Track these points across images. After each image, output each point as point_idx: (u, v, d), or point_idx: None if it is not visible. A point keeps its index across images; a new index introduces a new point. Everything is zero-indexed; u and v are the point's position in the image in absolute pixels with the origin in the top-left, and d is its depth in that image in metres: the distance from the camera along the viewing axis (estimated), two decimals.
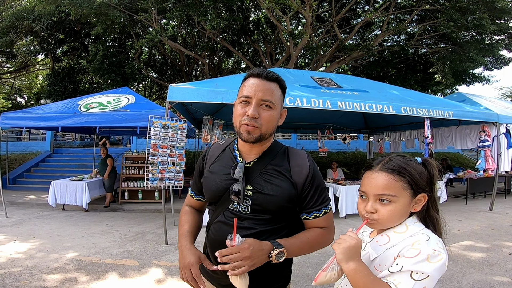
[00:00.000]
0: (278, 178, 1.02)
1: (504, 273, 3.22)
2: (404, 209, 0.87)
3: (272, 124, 1.03)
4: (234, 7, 11.61)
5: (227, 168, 1.07)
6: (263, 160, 1.07)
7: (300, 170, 1.04)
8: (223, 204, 1.05)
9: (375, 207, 0.88)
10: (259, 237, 0.97)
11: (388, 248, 0.87)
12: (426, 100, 6.33)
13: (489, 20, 9.75)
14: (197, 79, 16.75)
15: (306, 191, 1.04)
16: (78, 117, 5.68)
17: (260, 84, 1.01)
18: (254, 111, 0.98)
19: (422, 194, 0.88)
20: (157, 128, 4.06)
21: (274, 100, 1.01)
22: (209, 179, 1.10)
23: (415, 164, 0.90)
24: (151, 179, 4.09)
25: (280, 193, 1.00)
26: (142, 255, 3.89)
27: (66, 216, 6.24)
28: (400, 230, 0.89)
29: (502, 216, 5.98)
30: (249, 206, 1.01)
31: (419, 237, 0.84)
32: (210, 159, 1.16)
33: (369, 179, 0.91)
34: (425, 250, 0.78)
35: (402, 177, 0.86)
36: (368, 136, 10.54)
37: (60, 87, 14.89)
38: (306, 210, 1.05)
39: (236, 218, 0.96)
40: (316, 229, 1.06)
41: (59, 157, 12.21)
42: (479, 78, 14.30)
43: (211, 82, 5.17)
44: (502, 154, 6.30)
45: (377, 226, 0.91)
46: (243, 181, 1.00)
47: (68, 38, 14.74)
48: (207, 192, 1.11)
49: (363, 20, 11.53)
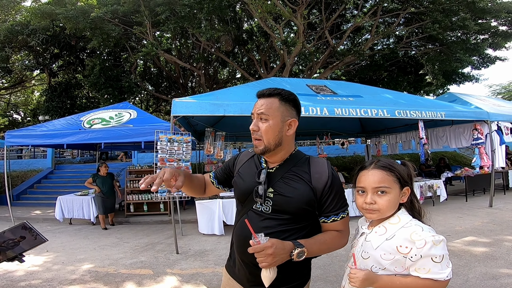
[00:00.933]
0: (298, 182, 1.13)
1: (508, 266, 3.33)
2: (397, 199, 1.08)
3: (272, 134, 1.13)
4: (227, 18, 11.89)
5: (254, 172, 1.21)
6: (284, 166, 1.19)
7: (319, 177, 1.14)
8: (248, 204, 1.19)
9: (374, 198, 1.07)
10: (279, 236, 1.07)
11: (387, 239, 1.04)
12: (419, 102, 6.55)
13: (472, 21, 10.13)
14: (193, 91, 16.91)
15: (325, 197, 1.13)
16: (83, 134, 5.80)
17: (259, 102, 1.18)
18: (252, 125, 1.17)
19: (406, 187, 1.09)
20: (163, 142, 4.21)
21: (268, 112, 1.14)
22: (239, 180, 1.27)
23: (398, 164, 1.14)
24: (159, 191, 4.22)
25: (299, 196, 1.11)
26: (155, 264, 3.99)
27: (74, 230, 6.33)
28: (393, 221, 1.08)
29: (502, 212, 6.09)
30: (270, 207, 1.13)
31: (414, 228, 1.02)
32: (240, 163, 1.33)
33: (366, 176, 1.10)
34: (429, 238, 0.96)
35: (392, 172, 1.08)
36: (365, 139, 10.74)
37: (57, 103, 14.92)
38: (325, 214, 1.15)
39: (248, 219, 1.08)
40: (333, 232, 1.16)
41: (61, 173, 12.26)
42: (469, 77, 14.69)
43: (212, 95, 5.34)
44: (496, 150, 6.49)
45: (377, 216, 1.08)
46: (265, 184, 1.14)
47: (63, 52, 14.78)
48: (236, 192, 1.28)
49: (352, 25, 11.87)
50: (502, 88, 24.06)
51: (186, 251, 4.52)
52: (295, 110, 1.22)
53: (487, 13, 10.46)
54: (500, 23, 11.52)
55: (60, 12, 9.87)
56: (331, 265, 3.60)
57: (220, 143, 5.73)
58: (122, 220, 7.10)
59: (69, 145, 6.61)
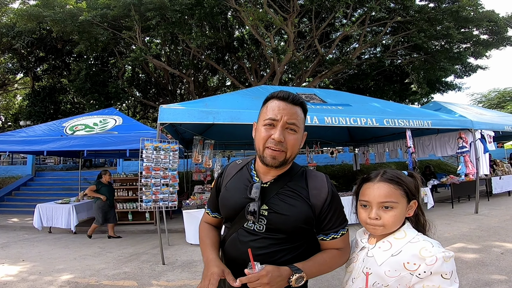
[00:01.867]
0: (295, 199, 1.04)
1: (500, 272, 3.35)
2: (403, 214, 1.01)
3: (296, 148, 1.05)
4: (219, 25, 11.91)
5: (244, 187, 1.09)
6: (280, 181, 1.08)
7: (318, 193, 1.05)
8: (239, 222, 1.08)
9: (378, 214, 0.99)
10: (274, 256, 1.00)
11: (393, 255, 0.97)
12: (406, 111, 6.67)
13: (455, 29, 10.54)
14: (182, 98, 16.75)
15: (325, 214, 1.05)
16: (65, 141, 5.56)
17: (286, 107, 1.04)
18: (280, 135, 1.00)
19: (414, 200, 1.02)
20: (149, 150, 4.07)
21: (299, 124, 1.04)
22: (226, 197, 1.14)
23: (406, 176, 1.06)
24: (144, 201, 4.05)
25: (296, 214, 1.02)
26: (140, 275, 3.81)
27: (54, 238, 6.08)
28: (399, 236, 1.01)
29: (488, 218, 6.22)
30: (264, 225, 1.03)
31: (423, 244, 0.95)
32: (227, 177, 1.20)
33: (372, 189, 1.02)
34: (439, 255, 0.90)
35: (400, 185, 1.00)
36: (353, 148, 10.85)
37: (40, 107, 14.49)
38: (324, 232, 1.07)
39: (250, 249, 0.96)
40: (333, 250, 1.08)
41: (42, 180, 11.84)
42: (452, 86, 15.25)
43: (201, 102, 5.25)
44: (480, 158, 6.66)
45: (381, 231, 1.01)
46: (259, 201, 1.02)
47: (49, 56, 14.50)
48: (223, 209, 1.15)
49: (341, 34, 12.11)
50: (483, 96, 25.08)
51: (173, 261, 4.35)
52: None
53: (470, 21, 10.90)
54: (482, 32, 12.01)
55: (47, 14, 9.63)
56: (324, 276, 3.52)
57: (209, 152, 5.62)
58: (105, 229, 6.77)
59: (50, 152, 6.33)
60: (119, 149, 5.53)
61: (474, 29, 11.80)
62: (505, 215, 6.38)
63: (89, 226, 6.98)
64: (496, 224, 5.63)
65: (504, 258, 3.76)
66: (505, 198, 8.60)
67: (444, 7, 10.65)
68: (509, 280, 3.14)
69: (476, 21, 10.81)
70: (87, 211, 6.94)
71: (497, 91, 24.26)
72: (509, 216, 6.20)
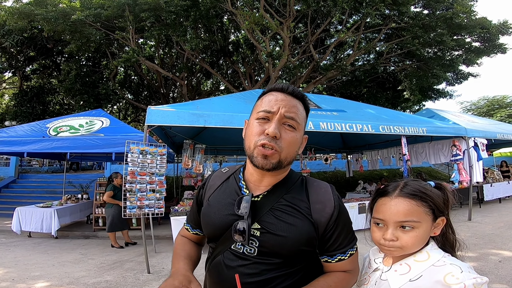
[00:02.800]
0: (294, 216, 0.85)
1: (500, 280, 3.26)
2: (426, 234, 0.85)
3: (294, 149, 0.86)
4: (214, 28, 11.82)
5: (231, 201, 0.90)
6: (275, 193, 0.89)
7: (322, 208, 0.87)
8: (224, 243, 0.89)
9: (396, 234, 0.83)
10: (267, 284, 0.82)
11: (411, 280, 0.82)
12: (401, 117, 6.62)
13: (448, 36, 10.66)
14: (174, 101, 16.56)
15: (330, 232, 0.86)
16: (47, 142, 5.29)
17: (284, 99, 0.86)
18: (275, 129, 0.81)
19: (442, 217, 0.87)
20: (134, 154, 3.85)
21: (299, 119, 0.87)
22: (209, 213, 0.94)
23: (432, 188, 0.89)
24: (129, 207, 3.82)
25: (296, 235, 0.83)
26: (122, 285, 3.58)
27: (33, 243, 5.81)
28: (421, 258, 0.85)
29: (482, 225, 6.19)
30: (255, 248, 0.84)
31: (449, 269, 0.79)
32: (210, 189, 0.99)
33: (388, 206, 0.86)
34: (468, 282, 0.74)
35: (424, 201, 0.84)
36: (346, 155, 10.81)
37: (27, 108, 14.09)
38: (329, 253, 0.88)
39: (238, 274, 0.80)
40: (339, 274, 0.90)
41: (25, 183, 11.47)
42: (443, 93, 15.46)
43: (192, 104, 5.07)
44: (473, 166, 6.64)
45: (398, 253, 0.86)
46: (249, 218, 0.83)
47: (39, 55, 14.19)
48: (206, 227, 0.95)
49: (336, 40, 12.16)
50: (472, 104, 25.54)
51: (159, 270, 4.14)
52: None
53: (463, 28, 11.05)
54: (474, 39, 12.21)
55: (39, 13, 9.37)
56: None
57: (199, 157, 5.42)
58: (89, 234, 6.60)
59: (32, 153, 6.04)
60: (105, 152, 5.28)
61: (467, 37, 11.98)
62: (499, 222, 6.38)
63: (72, 231, 6.73)
64: (491, 231, 5.60)
65: (502, 266, 3.69)
66: (496, 205, 8.64)
67: (438, 14, 10.78)
68: None
69: (469, 28, 10.97)
70: (70, 215, 6.69)
71: (486, 99, 24.72)
72: (503, 223, 6.19)
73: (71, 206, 6.73)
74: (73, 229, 6.88)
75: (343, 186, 11.28)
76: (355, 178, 11.23)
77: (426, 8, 11.50)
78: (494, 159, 14.25)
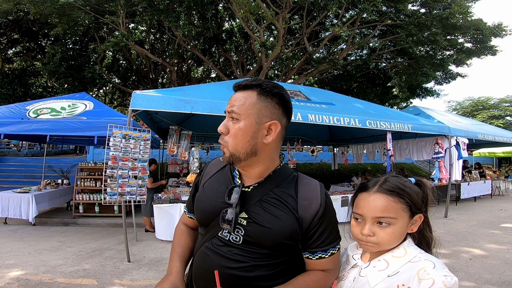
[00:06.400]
0: (280, 209, 0.88)
1: (468, 278, 3.37)
2: (403, 231, 0.86)
3: (241, 139, 0.86)
4: (208, 15, 11.54)
5: (224, 189, 0.93)
6: (265, 185, 0.92)
7: (308, 205, 0.89)
8: (213, 229, 0.93)
9: (373, 230, 0.85)
10: (250, 272, 0.86)
11: (389, 275, 0.83)
12: (387, 113, 6.70)
13: (442, 36, 10.78)
14: (163, 87, 16.25)
15: (313, 229, 0.89)
16: (25, 124, 5.08)
17: (233, 96, 0.90)
18: (221, 126, 0.89)
19: (419, 214, 0.88)
20: (117, 138, 3.74)
21: (240, 110, 0.86)
22: (201, 198, 0.99)
23: (411, 185, 0.89)
24: (109, 194, 3.73)
25: (279, 227, 0.86)
26: (101, 273, 3.52)
27: (8, 230, 5.62)
28: (398, 254, 0.86)
29: (457, 222, 6.42)
30: (241, 236, 0.87)
31: (423, 264, 0.81)
32: (206, 176, 1.05)
33: (366, 201, 0.87)
34: (438, 279, 0.75)
35: (401, 198, 0.85)
36: (332, 148, 10.93)
37: (8, 90, 13.52)
38: (310, 250, 0.91)
39: (217, 271, 0.82)
40: (318, 273, 0.92)
41: (2, 166, 11.07)
42: (431, 92, 15.76)
43: (180, 90, 4.95)
44: (454, 164, 6.84)
45: (374, 249, 0.88)
46: (238, 208, 0.87)
47: (23, 38, 13.61)
48: (197, 212, 1.00)
49: (331, 34, 12.10)
50: (458, 104, 26.24)
51: (140, 259, 4.09)
52: (280, 109, 0.90)
53: (458, 29, 11.14)
54: (466, 40, 12.36)
55: None
56: None
57: (185, 143, 5.33)
58: (68, 221, 6.40)
59: (10, 135, 5.78)
60: (86, 135, 5.12)
61: (460, 37, 12.11)
62: (472, 220, 6.63)
63: (51, 217, 6.53)
64: (464, 229, 5.80)
65: (472, 264, 3.82)
66: (471, 204, 8.97)
67: (435, 13, 10.83)
68: (477, 287, 3.16)
69: (463, 29, 11.07)
70: (49, 201, 6.46)
71: (471, 100, 25.42)
72: (476, 222, 6.44)
73: (50, 191, 6.50)
74: (52, 216, 6.65)
75: (327, 178, 11.44)
76: (340, 171, 11.39)
77: (423, 6, 11.53)
78: (473, 159, 14.78)
